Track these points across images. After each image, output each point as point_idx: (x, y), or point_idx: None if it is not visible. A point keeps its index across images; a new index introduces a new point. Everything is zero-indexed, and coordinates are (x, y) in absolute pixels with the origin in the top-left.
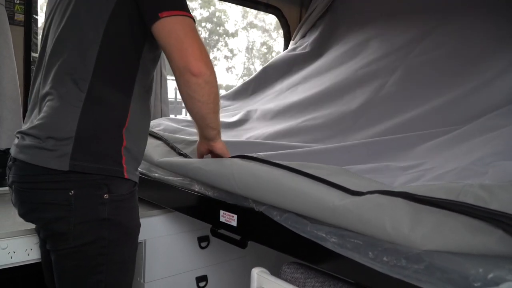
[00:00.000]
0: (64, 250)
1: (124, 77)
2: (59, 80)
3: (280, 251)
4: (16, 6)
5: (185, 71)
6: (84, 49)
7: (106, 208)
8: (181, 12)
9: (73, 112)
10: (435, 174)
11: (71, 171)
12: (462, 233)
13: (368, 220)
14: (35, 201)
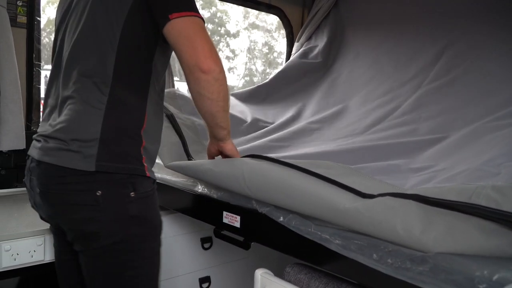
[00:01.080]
0: (96, 250)
1: (140, 80)
2: (80, 84)
3: (283, 252)
4: (18, 8)
5: (195, 69)
6: (102, 54)
7: (134, 206)
8: (190, 12)
9: (97, 114)
10: (447, 176)
11: (97, 172)
12: (475, 235)
13: (379, 223)
14: (64, 203)
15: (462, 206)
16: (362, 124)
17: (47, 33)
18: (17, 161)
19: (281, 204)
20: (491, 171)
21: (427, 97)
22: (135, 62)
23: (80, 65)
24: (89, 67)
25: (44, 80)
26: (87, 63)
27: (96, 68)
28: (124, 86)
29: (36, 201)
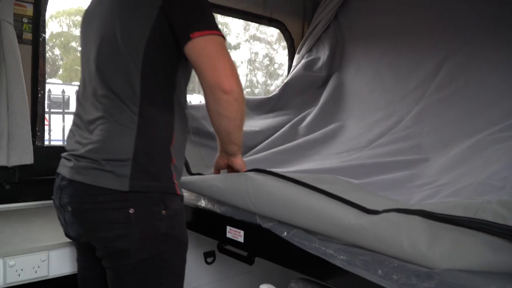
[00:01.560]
0: (125, 266)
1: (166, 97)
2: (110, 104)
3: (287, 267)
4: (24, 25)
5: (217, 89)
6: (128, 75)
7: (164, 224)
8: (211, 31)
9: (129, 134)
10: (452, 190)
11: (130, 191)
12: (482, 251)
13: (385, 239)
14: (96, 221)
15: (468, 222)
16: (365, 137)
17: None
18: (21, 176)
19: (286, 220)
20: (495, 184)
21: (429, 110)
22: (160, 81)
23: (107, 87)
24: (117, 88)
25: (48, 95)
26: (114, 84)
27: (124, 88)
28: (152, 104)
29: (66, 219)
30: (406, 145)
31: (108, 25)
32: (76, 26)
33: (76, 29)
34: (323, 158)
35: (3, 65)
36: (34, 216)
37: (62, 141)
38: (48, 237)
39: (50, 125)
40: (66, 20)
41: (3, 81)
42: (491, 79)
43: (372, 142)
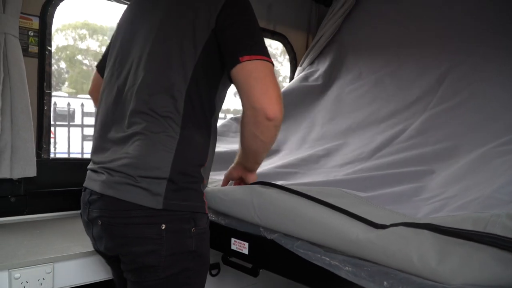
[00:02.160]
0: (151, 281)
1: (206, 120)
2: (151, 121)
3: (292, 279)
4: (30, 38)
5: (260, 113)
6: (173, 94)
7: (193, 241)
8: (261, 56)
9: (168, 153)
10: (459, 204)
11: (163, 209)
12: (492, 265)
13: (393, 253)
14: (127, 235)
15: (478, 236)
16: (368, 148)
17: (55, 60)
18: (26, 188)
19: (292, 233)
20: (503, 198)
21: (433, 121)
22: (203, 103)
23: (149, 105)
24: (160, 106)
25: (53, 107)
26: (158, 102)
27: (168, 107)
28: (193, 125)
29: (95, 233)
30: (410, 155)
31: (156, 45)
32: (82, 40)
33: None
34: (328, 171)
35: (7, 78)
36: (39, 228)
37: (67, 154)
38: (53, 249)
39: (55, 138)
40: (72, 33)
41: (8, 94)
42: (495, 91)
43: (375, 152)
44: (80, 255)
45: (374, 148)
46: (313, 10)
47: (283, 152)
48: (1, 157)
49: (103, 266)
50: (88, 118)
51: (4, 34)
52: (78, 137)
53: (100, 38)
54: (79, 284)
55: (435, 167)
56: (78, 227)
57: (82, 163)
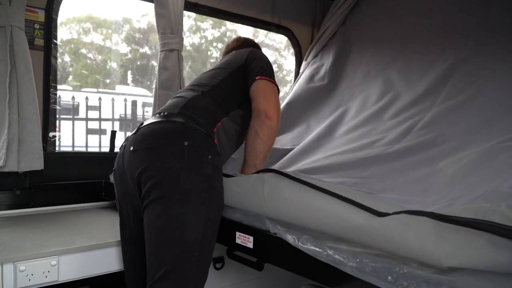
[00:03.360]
0: (174, 195)
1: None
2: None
3: (297, 273)
4: (36, 31)
5: (263, 113)
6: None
7: (210, 167)
8: (271, 80)
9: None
10: (464, 202)
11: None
12: (487, 250)
13: (392, 237)
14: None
15: (475, 223)
16: (377, 149)
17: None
18: (31, 182)
19: (297, 221)
20: (506, 191)
21: (440, 118)
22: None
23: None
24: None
25: (58, 101)
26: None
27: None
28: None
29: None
30: (419, 158)
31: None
32: (86, 33)
33: (86, 36)
34: (337, 175)
35: (14, 71)
36: (44, 221)
37: (72, 147)
38: (58, 242)
39: (60, 131)
40: (76, 27)
41: (14, 87)
42: (500, 89)
43: (383, 152)
44: (85, 248)
45: (383, 149)
46: (318, 4)
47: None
48: (8, 150)
49: (108, 259)
50: (92, 112)
51: (10, 26)
52: (83, 130)
53: (104, 31)
54: (84, 276)
55: (441, 166)
56: (83, 220)
57: (87, 156)
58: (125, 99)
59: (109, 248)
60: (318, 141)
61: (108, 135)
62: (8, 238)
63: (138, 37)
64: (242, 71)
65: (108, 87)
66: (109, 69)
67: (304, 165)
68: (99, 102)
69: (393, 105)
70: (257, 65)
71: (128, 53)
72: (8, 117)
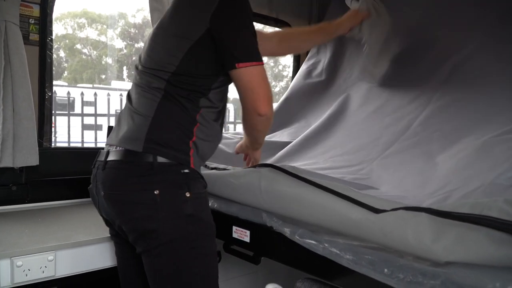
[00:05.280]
0: (157, 248)
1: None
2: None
3: (294, 267)
4: (31, 26)
5: (254, 113)
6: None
7: (189, 206)
8: (253, 62)
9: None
10: (461, 195)
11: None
12: (485, 245)
13: (390, 232)
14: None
15: (473, 218)
16: (375, 147)
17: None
18: (28, 177)
19: (294, 215)
20: (503, 184)
21: (437, 114)
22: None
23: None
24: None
25: (54, 96)
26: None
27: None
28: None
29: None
30: (416, 152)
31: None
32: (81, 29)
33: (81, 31)
34: (334, 173)
35: (8, 66)
36: (41, 216)
37: (68, 143)
38: (55, 237)
39: (55, 127)
40: (71, 22)
41: (9, 83)
42: (500, 84)
43: (383, 151)
44: (82, 243)
45: (381, 147)
46: None
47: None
48: (3, 145)
49: (105, 254)
50: (87, 107)
51: (5, 21)
52: (78, 126)
53: (99, 27)
54: (81, 271)
55: (438, 160)
56: (80, 215)
57: (83, 152)
58: (120, 94)
59: (106, 243)
60: (316, 137)
61: (104, 131)
62: (5, 234)
63: (133, 32)
64: (209, 42)
65: (104, 83)
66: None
67: (304, 166)
68: (94, 98)
69: (391, 102)
70: (231, 38)
71: (123, 48)
72: (3, 112)
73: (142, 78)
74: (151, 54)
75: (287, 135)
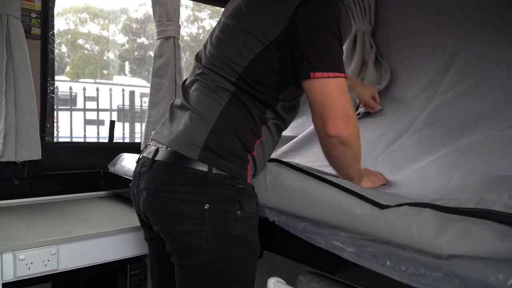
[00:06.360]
0: (195, 265)
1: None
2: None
3: (296, 261)
4: (32, 20)
5: (323, 132)
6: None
7: (238, 225)
8: (333, 73)
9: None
10: (465, 190)
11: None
12: (489, 238)
13: (394, 226)
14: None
15: (477, 212)
16: (379, 144)
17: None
18: (30, 172)
19: (298, 211)
20: (506, 175)
21: (441, 110)
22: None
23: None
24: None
25: (56, 91)
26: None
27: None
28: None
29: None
30: (420, 148)
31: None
32: (83, 24)
33: (83, 26)
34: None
35: (10, 60)
36: (43, 211)
37: (70, 138)
38: (57, 231)
39: (57, 122)
40: (73, 17)
41: (11, 77)
42: (501, 77)
43: (386, 148)
44: (84, 237)
45: (384, 144)
46: None
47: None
48: (5, 140)
49: (107, 248)
50: (90, 103)
51: (7, 15)
52: (81, 121)
53: (101, 22)
54: (83, 265)
55: (441, 155)
56: (82, 209)
57: (85, 146)
58: (122, 90)
59: (108, 237)
60: None
61: (106, 126)
62: (7, 228)
63: (135, 27)
64: (286, 44)
65: (106, 78)
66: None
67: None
68: (96, 93)
69: (395, 98)
70: (310, 42)
71: (125, 44)
72: (5, 107)
73: (205, 73)
74: (219, 47)
75: (290, 129)
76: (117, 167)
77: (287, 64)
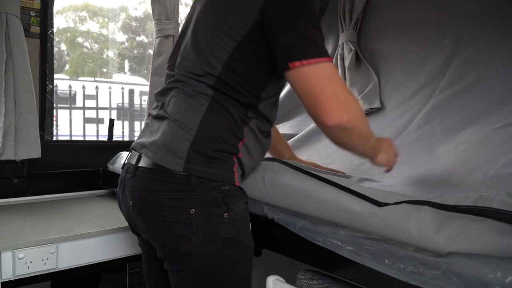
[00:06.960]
0: (187, 271)
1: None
2: None
3: (295, 258)
4: (31, 18)
5: (318, 122)
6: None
7: (227, 227)
8: (312, 59)
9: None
10: (464, 187)
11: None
12: (487, 235)
13: (393, 223)
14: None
15: (475, 210)
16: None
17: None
18: (29, 170)
19: (297, 209)
20: (505, 172)
21: (440, 108)
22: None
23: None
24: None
25: (55, 89)
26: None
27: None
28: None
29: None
30: (419, 146)
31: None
32: (82, 22)
33: (82, 24)
34: (337, 167)
35: (10, 58)
36: (43, 209)
37: (69, 136)
38: (56, 230)
39: (57, 120)
40: (72, 15)
41: (10, 75)
42: (501, 75)
43: None
44: (83, 235)
45: None
46: None
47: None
48: (5, 138)
49: (106, 247)
50: (89, 101)
51: (6, 14)
52: (80, 119)
53: (101, 20)
54: (83, 264)
55: (440, 153)
56: (81, 208)
57: (85, 145)
58: (122, 88)
59: (108, 235)
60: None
61: (105, 124)
62: (7, 226)
63: (135, 26)
64: (259, 37)
65: (105, 76)
66: (106, 58)
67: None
68: (96, 91)
69: (393, 96)
70: (283, 32)
71: (125, 42)
72: (5, 105)
73: (181, 80)
74: (191, 52)
75: (289, 128)
76: (117, 166)
77: (264, 59)
